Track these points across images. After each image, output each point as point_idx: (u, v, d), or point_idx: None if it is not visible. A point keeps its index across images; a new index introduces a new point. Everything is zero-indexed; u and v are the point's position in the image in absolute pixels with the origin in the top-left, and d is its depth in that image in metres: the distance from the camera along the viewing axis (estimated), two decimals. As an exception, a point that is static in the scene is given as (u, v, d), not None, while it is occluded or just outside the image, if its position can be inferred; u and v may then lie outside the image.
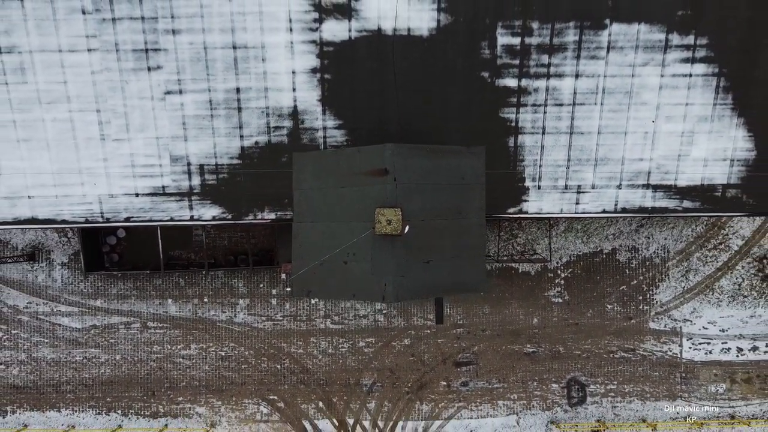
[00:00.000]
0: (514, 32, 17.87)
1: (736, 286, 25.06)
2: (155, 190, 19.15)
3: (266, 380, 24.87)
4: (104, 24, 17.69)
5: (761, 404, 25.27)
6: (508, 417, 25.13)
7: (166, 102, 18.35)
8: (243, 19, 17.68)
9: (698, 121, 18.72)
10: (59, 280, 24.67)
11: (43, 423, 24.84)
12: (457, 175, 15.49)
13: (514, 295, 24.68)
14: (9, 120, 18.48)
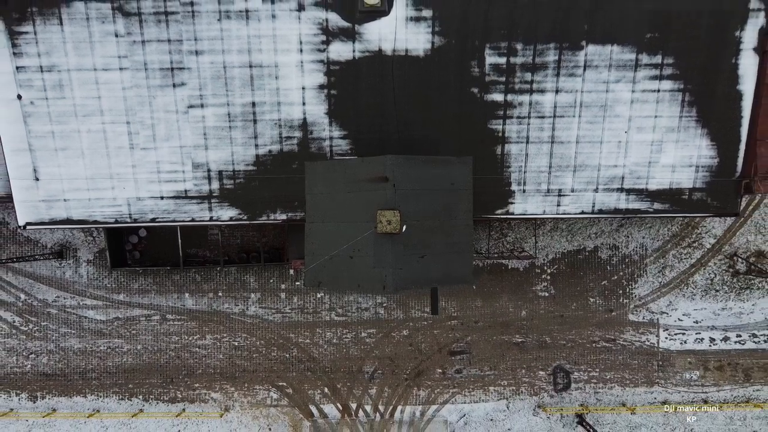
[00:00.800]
0: (500, 53, 20.00)
1: (709, 281, 27.17)
2: (178, 194, 21.28)
3: (276, 368, 26.98)
4: (134, 46, 19.82)
5: (732, 390, 27.38)
6: (499, 402, 27.24)
7: (189, 115, 20.48)
8: (258, 41, 19.80)
9: (666, 131, 20.85)
10: (85, 276, 26.77)
11: (70, 407, 26.95)
12: (447, 182, 17.66)
13: (504, 289, 26.80)
14: (48, 131, 20.60)
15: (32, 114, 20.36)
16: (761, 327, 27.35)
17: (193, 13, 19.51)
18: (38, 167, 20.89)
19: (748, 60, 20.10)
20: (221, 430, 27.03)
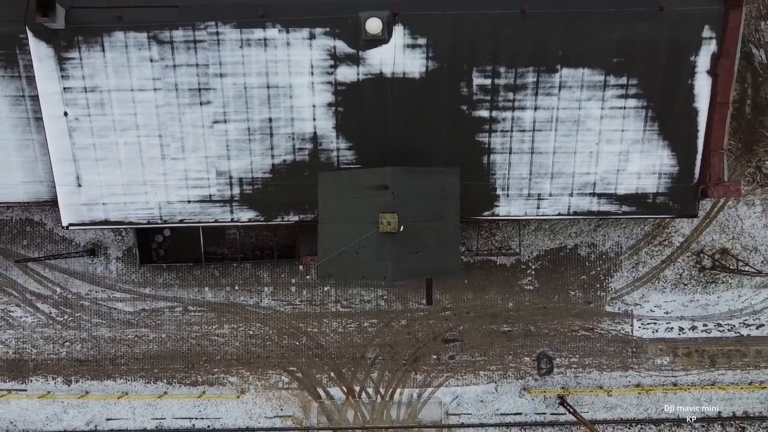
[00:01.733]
0: (486, 75, 22.89)
1: (678, 276, 30.08)
2: (203, 198, 24.18)
3: (287, 354, 29.89)
4: (167, 69, 22.71)
5: (699, 374, 30.28)
6: (488, 385, 30.15)
7: (214, 129, 23.38)
8: (275, 65, 22.69)
9: (632, 143, 23.75)
10: (114, 272, 29.67)
11: (101, 390, 29.86)
12: (439, 189, 20.55)
13: (493, 283, 29.70)
14: (90, 144, 23.49)
15: (76, 129, 23.25)
16: (725, 317, 30.26)
17: (218, 41, 22.40)
18: (81, 175, 23.78)
19: (702, 81, 22.99)
20: (238, 410, 29.94)
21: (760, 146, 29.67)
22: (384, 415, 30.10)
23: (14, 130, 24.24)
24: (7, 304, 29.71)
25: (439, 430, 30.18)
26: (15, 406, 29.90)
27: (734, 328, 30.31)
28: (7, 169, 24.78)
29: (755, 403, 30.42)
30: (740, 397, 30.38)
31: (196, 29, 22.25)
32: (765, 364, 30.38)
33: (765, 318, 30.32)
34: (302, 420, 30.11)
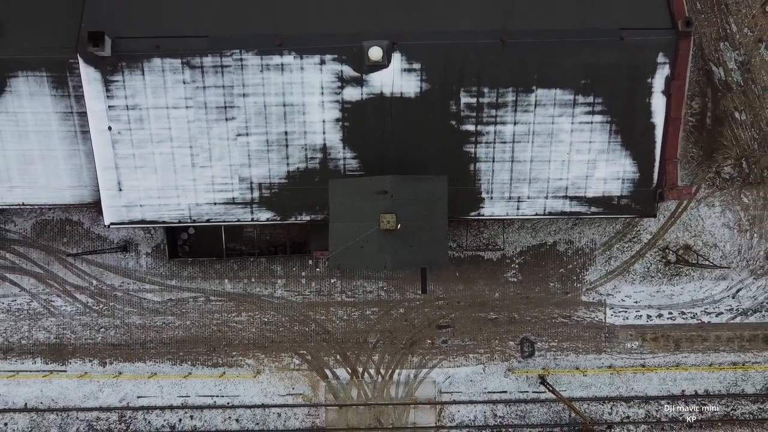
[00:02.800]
0: (472, 94, 26.57)
1: (646, 269, 33.76)
2: (228, 201, 27.88)
3: (297, 339, 33.58)
4: (197, 90, 26.39)
5: (664, 357, 33.96)
6: (477, 366, 33.84)
7: (237, 141, 27.07)
8: (290, 86, 26.37)
9: (599, 153, 27.44)
10: (144, 266, 33.36)
11: (132, 371, 33.54)
12: (430, 194, 24.29)
13: (481, 275, 33.39)
14: (130, 154, 27.17)
15: (119, 141, 26.94)
16: (688, 306, 33.95)
17: (242, 66, 26.09)
18: (121, 181, 27.48)
19: (658, 100, 26.69)
20: (254, 389, 33.64)
21: (719, 153, 33.34)
22: (384, 393, 33.82)
23: (63, 141, 27.94)
24: (49, 294, 33.39)
25: (434, 406, 33.89)
26: (56, 386, 33.58)
27: (696, 316, 33.99)
28: (57, 176, 28.48)
29: (715, 383, 34.10)
30: (701, 377, 34.05)
31: (223, 56, 25.94)
32: (724, 348, 34.07)
33: (724, 307, 34.00)
34: (311, 397, 33.82)
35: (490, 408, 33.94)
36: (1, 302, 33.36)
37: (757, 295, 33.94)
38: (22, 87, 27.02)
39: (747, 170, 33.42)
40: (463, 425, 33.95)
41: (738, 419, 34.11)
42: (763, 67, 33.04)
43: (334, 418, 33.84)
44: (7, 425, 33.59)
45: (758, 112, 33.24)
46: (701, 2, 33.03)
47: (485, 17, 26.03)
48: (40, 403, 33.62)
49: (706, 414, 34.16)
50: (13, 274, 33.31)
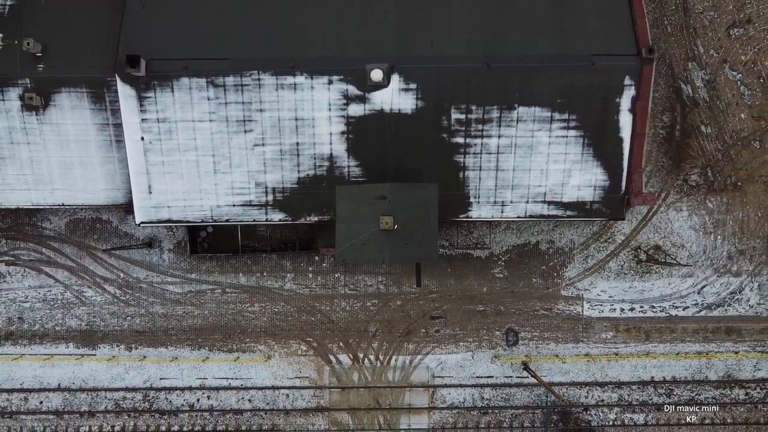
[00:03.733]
0: (461, 111, 30.16)
1: (620, 267, 37.36)
2: (245, 203, 31.49)
3: (304, 328, 37.19)
4: (220, 105, 29.99)
5: (635, 346, 37.55)
6: (466, 353, 37.46)
7: (254, 151, 30.68)
8: (302, 103, 29.98)
9: (573, 163, 31.03)
10: (167, 261, 36.98)
11: (156, 355, 37.16)
12: (423, 199, 27.90)
13: (470, 271, 37.00)
14: (159, 161, 30.77)
15: (150, 150, 30.55)
16: (657, 301, 37.55)
17: (259, 85, 29.69)
18: (152, 185, 31.10)
19: (625, 117, 30.27)
20: (265, 372, 37.27)
21: (687, 163, 36.95)
22: (382, 376, 37.47)
23: (99, 149, 31.55)
24: (81, 286, 37.02)
25: (427, 389, 37.52)
26: (86, 368, 37.20)
27: (665, 310, 37.60)
28: (93, 180, 32.09)
29: (681, 370, 37.69)
30: (669, 364, 37.66)
31: (243, 76, 29.55)
32: (689, 339, 37.68)
33: (690, 301, 37.61)
34: (317, 380, 37.47)
35: (477, 391, 37.56)
36: (38, 292, 36.99)
37: (720, 291, 37.55)
38: (65, 101, 30.63)
39: (712, 178, 37.02)
40: (454, 406, 37.59)
41: (701, 402, 37.72)
42: (726, 85, 36.66)
43: (336, 399, 37.50)
44: (42, 403, 37.24)
45: (722, 126, 36.85)
46: (672, 26, 36.68)
47: (473, 44, 29.64)
48: (72, 383, 37.25)
49: (673, 398, 37.78)
50: (48, 267, 36.93)
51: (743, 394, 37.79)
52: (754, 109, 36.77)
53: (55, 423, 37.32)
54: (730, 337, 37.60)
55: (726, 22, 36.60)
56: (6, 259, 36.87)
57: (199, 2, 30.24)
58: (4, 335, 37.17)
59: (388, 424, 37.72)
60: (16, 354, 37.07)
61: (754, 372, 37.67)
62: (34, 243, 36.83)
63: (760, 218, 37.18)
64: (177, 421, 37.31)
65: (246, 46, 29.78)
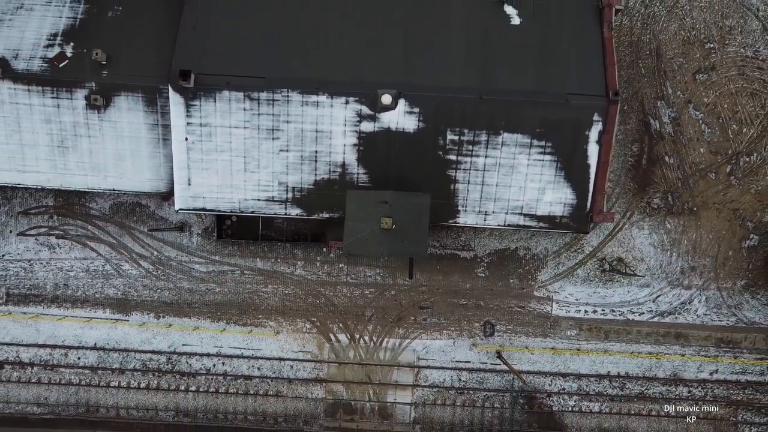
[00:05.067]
0: (455, 133, 35.82)
1: (586, 274, 43.02)
2: (268, 198, 37.22)
3: (310, 309, 42.92)
4: (253, 116, 35.71)
5: (595, 344, 43.18)
6: (448, 340, 43.14)
7: (279, 155, 36.39)
8: (322, 118, 35.64)
9: (547, 183, 36.69)
10: (195, 243, 42.73)
11: (181, 324, 42.91)
12: (417, 206, 33.59)
13: (456, 270, 42.70)
14: (199, 159, 36.47)
15: (192, 149, 36.29)
16: (617, 306, 43.19)
17: (287, 101, 35.36)
18: (191, 178, 36.85)
19: (593, 147, 35.88)
20: (274, 345, 43.02)
21: (650, 188, 42.58)
22: (374, 355, 43.22)
23: (148, 145, 37.29)
24: (119, 260, 42.81)
25: (412, 369, 43.25)
26: (120, 331, 42.99)
27: (623, 314, 43.25)
28: (140, 170, 37.82)
29: (633, 367, 43.32)
30: (624, 361, 43.29)
31: (274, 92, 35.26)
32: (642, 341, 43.29)
33: (645, 308, 43.25)
34: (318, 355, 43.25)
35: (456, 374, 43.30)
36: (82, 263, 42.81)
37: (672, 301, 43.21)
38: (123, 103, 36.37)
39: (671, 203, 42.66)
40: (434, 386, 43.34)
41: (650, 397, 43.40)
42: (689, 122, 42.32)
43: (334, 373, 43.28)
44: (80, 359, 43.05)
45: (683, 158, 42.50)
46: (645, 68, 42.36)
47: (468, 78, 35.31)
48: (107, 343, 43.05)
49: (625, 391, 43.46)
50: (92, 242, 42.73)
51: (686, 392, 43.45)
52: (712, 145, 42.38)
53: (89, 377, 43.15)
54: (678, 341, 43.26)
55: (693, 68, 42.24)
56: (57, 233, 42.68)
57: (242, 28, 35.96)
58: (51, 298, 43.00)
59: (377, 397, 43.50)
60: (60, 315, 42.90)
61: (697, 373, 43.34)
62: (82, 220, 42.63)
63: (711, 240, 42.83)
64: (195, 382, 43.13)
65: (279, 67, 35.48)
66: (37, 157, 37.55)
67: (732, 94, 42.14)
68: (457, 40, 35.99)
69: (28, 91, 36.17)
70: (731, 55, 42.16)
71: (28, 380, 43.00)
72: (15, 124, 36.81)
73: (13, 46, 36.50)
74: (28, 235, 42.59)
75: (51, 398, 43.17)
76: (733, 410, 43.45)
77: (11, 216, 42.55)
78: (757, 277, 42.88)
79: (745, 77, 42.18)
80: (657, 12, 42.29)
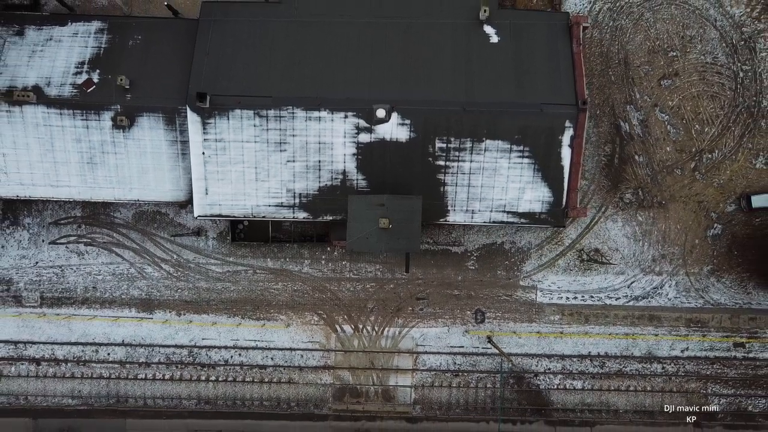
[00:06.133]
0: (443, 141, 40.19)
1: (567, 264, 47.43)
2: (278, 204, 41.57)
3: (317, 303, 47.28)
4: (263, 131, 40.05)
5: (577, 327, 47.59)
6: (443, 328, 47.53)
7: (287, 165, 40.74)
8: (324, 131, 39.97)
9: (527, 183, 41.06)
10: (211, 246, 47.07)
11: (200, 320, 47.26)
12: (410, 207, 38.01)
13: (449, 264, 47.09)
14: (215, 170, 40.80)
15: (208, 162, 40.62)
16: (596, 292, 47.62)
17: (293, 116, 39.72)
18: (208, 188, 41.19)
19: (566, 150, 40.29)
20: (285, 336, 47.40)
21: (623, 184, 46.98)
22: (377, 343, 47.61)
23: (169, 159, 41.60)
24: (143, 264, 47.14)
25: (411, 354, 47.65)
26: (145, 328, 47.32)
27: (601, 300, 47.68)
28: (162, 182, 42.14)
29: (612, 347, 47.75)
30: (603, 342, 47.72)
31: (281, 110, 39.62)
32: (619, 323, 47.71)
33: (621, 294, 47.65)
34: (325, 344, 47.63)
35: (451, 358, 47.72)
36: (109, 267, 47.13)
37: (645, 287, 47.63)
38: (145, 123, 40.71)
39: (642, 197, 47.06)
40: (432, 369, 47.75)
41: (627, 374, 47.83)
42: (656, 124, 46.70)
43: (340, 360, 47.67)
44: (109, 354, 47.40)
45: (651, 157, 46.90)
46: (615, 76, 46.75)
47: (453, 93, 39.70)
48: (133, 340, 47.39)
49: (605, 369, 47.88)
50: (118, 248, 47.05)
51: (660, 368, 47.90)
52: (677, 144, 46.79)
53: (118, 370, 47.49)
54: (652, 323, 47.69)
55: (658, 74, 46.62)
56: (85, 241, 46.99)
57: (249, 53, 40.31)
58: (81, 300, 47.32)
59: (380, 381, 47.91)
60: (90, 315, 47.21)
61: (670, 351, 47.79)
62: (108, 229, 46.95)
63: (679, 230, 47.25)
64: (214, 373, 47.50)
65: (284, 87, 39.83)
66: (69, 172, 41.85)
67: (694, 98, 46.48)
68: (442, 58, 40.38)
69: (60, 114, 40.46)
70: (692, 62, 46.48)
71: (63, 375, 47.30)
72: (49, 144, 41.11)
73: (45, 74, 40.80)
74: (59, 244, 46.89)
75: (84, 391, 47.50)
76: (703, 384, 47.89)
77: (43, 226, 46.84)
78: (721, 262, 47.29)
79: (705, 82, 46.51)
80: (624, 24, 46.64)
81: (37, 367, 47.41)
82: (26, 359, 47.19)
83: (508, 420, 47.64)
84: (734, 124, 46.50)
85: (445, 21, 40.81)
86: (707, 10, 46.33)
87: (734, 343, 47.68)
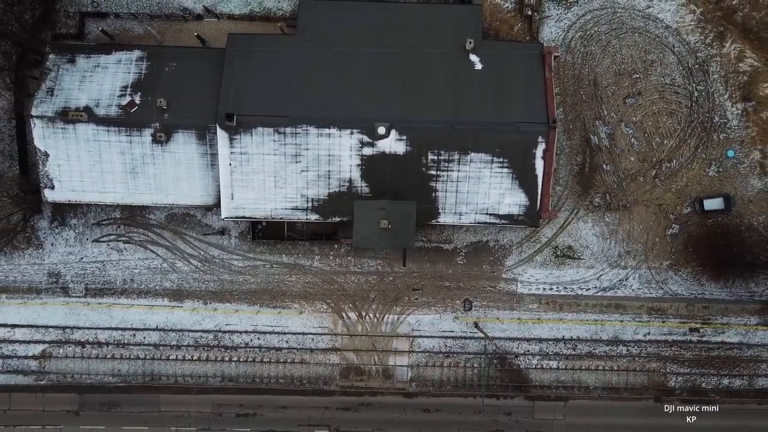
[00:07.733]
0: (434, 154, 47.08)
1: (544, 259, 54.28)
2: (293, 207, 48.48)
3: (326, 293, 54.16)
4: (281, 145, 46.94)
5: (552, 314, 54.34)
6: (436, 315, 54.41)
7: (301, 174, 47.65)
8: (333, 146, 46.87)
9: (506, 189, 47.95)
10: (233, 243, 53.96)
11: (223, 308, 54.14)
12: (406, 210, 44.94)
13: (441, 258, 53.98)
14: (240, 179, 47.70)
15: (234, 171, 47.53)
16: (569, 284, 54.46)
17: (307, 133, 46.60)
18: (234, 194, 48.13)
19: (539, 162, 47.17)
20: (298, 322, 54.30)
21: (592, 190, 53.79)
22: (378, 328, 54.55)
23: (200, 169, 48.50)
24: (174, 259, 54.03)
25: (408, 338, 54.57)
26: (176, 315, 54.21)
27: (574, 291, 54.54)
28: (194, 189, 49.02)
29: (583, 332, 54.60)
30: (575, 328, 54.57)
31: (296, 127, 46.52)
32: (590, 311, 54.52)
33: (591, 285, 54.45)
34: (333, 329, 54.56)
35: (443, 341, 54.64)
36: (144, 262, 54.04)
37: (612, 279, 54.47)
38: (180, 138, 47.62)
39: (609, 201, 53.89)
40: (426, 351, 54.68)
41: (596, 355, 54.73)
42: (622, 137, 53.48)
43: (346, 343, 54.63)
44: (145, 338, 54.33)
45: (618, 166, 53.73)
46: (585, 95, 53.56)
47: (443, 113, 46.60)
48: (166, 325, 54.30)
49: (577, 351, 54.80)
50: (152, 246, 53.96)
51: (625, 350, 54.79)
52: (640, 155, 53.57)
53: (152, 352, 54.41)
54: (618, 310, 54.54)
55: (623, 93, 53.39)
56: (123, 239, 53.90)
57: (270, 80, 47.22)
58: (121, 291, 54.24)
59: (381, 361, 54.86)
60: (128, 304, 54.11)
61: (633, 335, 54.67)
62: (143, 228, 53.84)
63: (642, 230, 54.06)
64: (236, 354, 54.43)
65: (299, 108, 46.73)
66: (114, 180, 48.77)
67: (655, 114, 53.23)
68: (434, 83, 47.32)
69: (107, 131, 47.38)
70: (653, 83, 53.25)
71: (105, 356, 54.23)
72: (97, 156, 48.03)
73: (95, 96, 47.71)
74: (101, 242, 53.80)
75: (123, 370, 54.45)
76: (662, 364, 54.80)
77: (87, 227, 53.75)
78: (678, 258, 54.14)
79: (665, 100, 53.26)
80: (593, 50, 53.41)
81: (82, 349, 54.32)
82: (73, 342, 54.14)
83: (492, 395, 54.57)
84: (690, 137, 53.22)
85: (436, 51, 47.74)
86: (666, 37, 53.04)
87: (690, 328, 54.59)
